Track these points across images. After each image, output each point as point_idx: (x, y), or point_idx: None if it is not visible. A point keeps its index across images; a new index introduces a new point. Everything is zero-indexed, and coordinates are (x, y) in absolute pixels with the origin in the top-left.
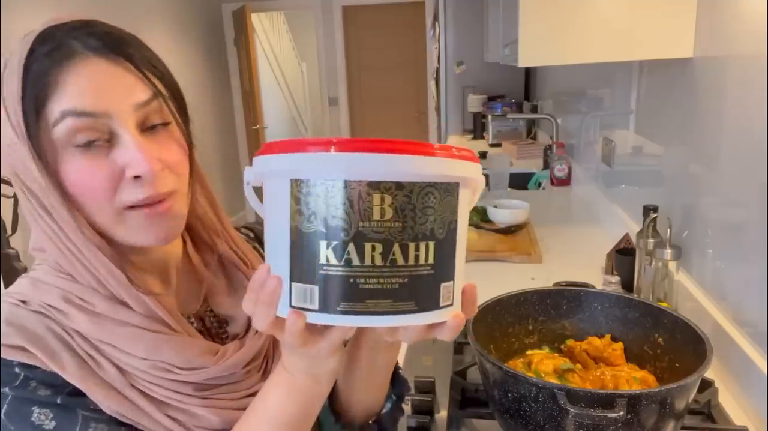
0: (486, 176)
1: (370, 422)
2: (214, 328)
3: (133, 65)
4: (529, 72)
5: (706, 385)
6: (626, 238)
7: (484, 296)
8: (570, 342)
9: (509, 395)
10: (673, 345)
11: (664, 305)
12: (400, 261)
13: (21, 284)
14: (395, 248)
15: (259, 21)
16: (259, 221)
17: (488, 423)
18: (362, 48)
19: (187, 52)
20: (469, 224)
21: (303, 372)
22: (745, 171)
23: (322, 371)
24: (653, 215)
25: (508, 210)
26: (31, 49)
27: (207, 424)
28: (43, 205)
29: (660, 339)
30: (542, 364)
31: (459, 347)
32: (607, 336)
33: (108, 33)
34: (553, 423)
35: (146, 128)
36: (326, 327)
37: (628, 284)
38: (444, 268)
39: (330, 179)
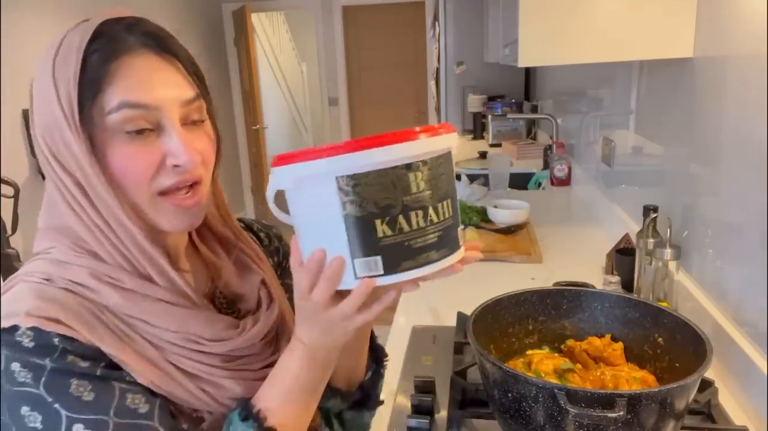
0: (486, 176)
1: (353, 390)
2: (224, 307)
3: (182, 64)
4: (529, 72)
5: (706, 385)
6: (626, 238)
7: (483, 296)
8: (570, 342)
9: (509, 395)
10: (673, 345)
11: (664, 305)
12: (435, 219)
13: (39, 264)
14: (430, 211)
15: (259, 21)
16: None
17: (488, 423)
18: (362, 48)
19: None
20: (470, 224)
21: (317, 341)
22: (745, 171)
23: (333, 339)
24: (653, 215)
25: (508, 210)
26: (88, 47)
27: (231, 394)
28: (80, 185)
29: (660, 339)
30: (542, 364)
31: (459, 347)
32: (607, 336)
33: (157, 32)
34: (553, 423)
35: (187, 123)
36: (382, 289)
37: (628, 284)
38: (456, 217)
39: (374, 168)
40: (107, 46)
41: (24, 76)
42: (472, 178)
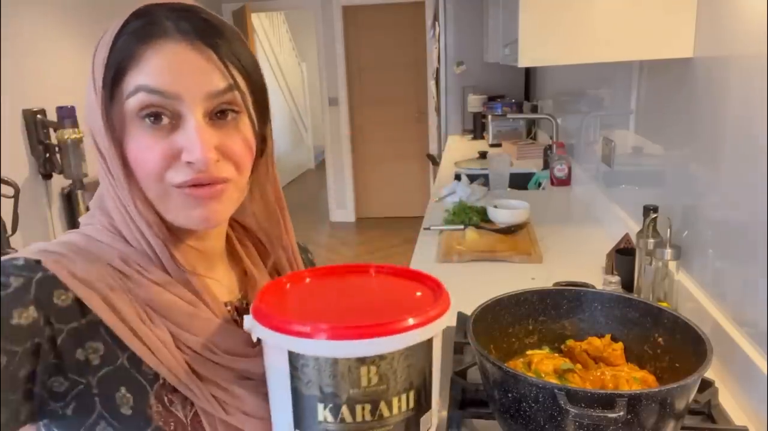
0: (486, 176)
1: None
2: None
3: (216, 55)
4: (529, 72)
5: (706, 385)
6: (626, 238)
7: (484, 296)
8: (570, 342)
9: (509, 395)
10: (673, 345)
11: (664, 305)
12: (387, 414)
13: (70, 237)
14: (381, 405)
15: (259, 21)
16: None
17: (488, 423)
18: (362, 48)
19: None
20: (470, 224)
21: None
22: (746, 171)
23: None
24: (653, 215)
25: (508, 210)
26: (126, 21)
27: (243, 407)
28: (108, 168)
29: (660, 339)
30: (542, 364)
31: (459, 347)
32: (607, 336)
33: (203, 20)
34: (553, 424)
35: (214, 115)
36: None
37: (628, 284)
38: (423, 404)
39: (322, 357)
40: (141, 28)
41: (24, 76)
42: (472, 178)
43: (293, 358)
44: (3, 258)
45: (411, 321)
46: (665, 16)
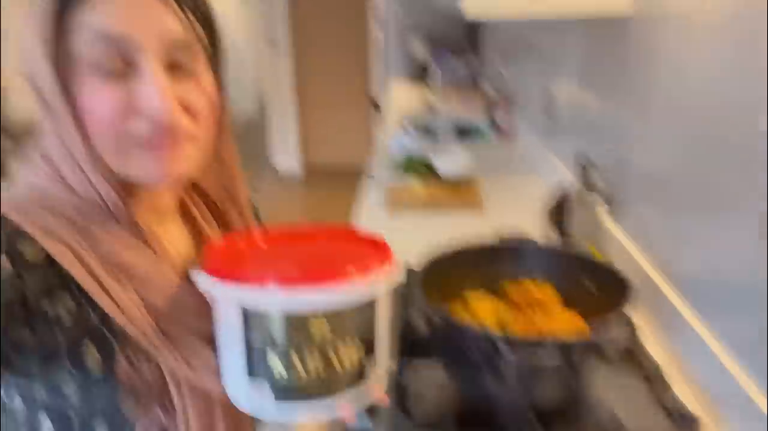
0: (433, 127)
1: None
2: None
3: (177, 2)
4: (473, 23)
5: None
6: (564, 190)
7: (431, 247)
8: (506, 285)
9: (452, 343)
10: (601, 290)
11: (595, 254)
12: (338, 366)
13: (30, 184)
14: (331, 355)
15: None
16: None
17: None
18: None
19: None
20: (415, 175)
21: None
22: (676, 127)
23: None
24: (589, 169)
25: (453, 160)
26: None
27: (212, 366)
28: (53, 114)
29: (590, 285)
30: (480, 307)
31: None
32: (543, 282)
33: None
34: (491, 368)
35: (173, 67)
36: None
37: (563, 234)
38: (373, 355)
39: (275, 309)
40: None
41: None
42: (417, 128)
43: (246, 313)
44: None
45: (351, 270)
46: None
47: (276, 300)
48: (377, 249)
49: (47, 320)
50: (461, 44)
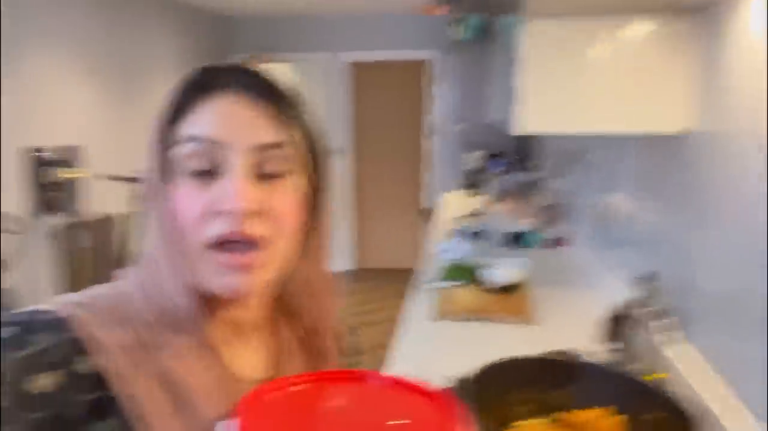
0: (483, 233)
1: None
2: None
3: (271, 107)
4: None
5: None
6: (621, 305)
7: (476, 358)
8: (563, 414)
9: None
10: (666, 422)
11: (661, 376)
12: None
13: (103, 291)
14: None
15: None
16: None
17: None
18: (366, 102)
19: None
20: (464, 282)
21: None
22: (742, 243)
23: None
24: (649, 284)
25: (504, 270)
26: (189, 73)
27: None
28: (153, 214)
29: (651, 416)
30: None
31: None
32: (602, 409)
33: (263, 78)
34: None
35: (264, 173)
36: None
37: (622, 353)
38: None
39: None
40: (199, 83)
41: (27, 114)
42: (468, 235)
43: None
44: (30, 309)
45: None
46: (661, 93)
47: None
48: (440, 410)
49: None
50: (515, 154)
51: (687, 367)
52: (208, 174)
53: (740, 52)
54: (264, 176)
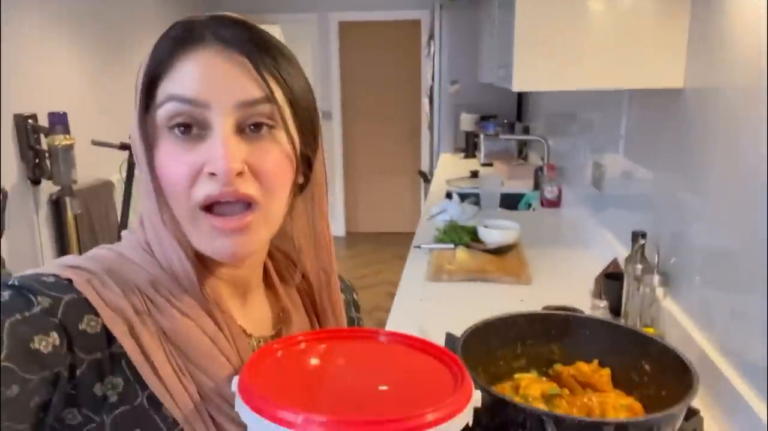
0: (477, 195)
1: None
2: None
3: (253, 64)
4: (521, 93)
5: (691, 414)
6: (614, 263)
7: (472, 317)
8: (558, 367)
9: (496, 420)
10: (660, 372)
11: (650, 331)
12: None
13: (103, 254)
14: None
15: None
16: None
17: None
18: (357, 63)
19: None
20: (460, 244)
21: None
22: (734, 200)
23: None
24: (642, 241)
25: (499, 230)
26: (168, 30)
27: None
28: (143, 179)
29: (647, 367)
30: (530, 388)
31: None
32: (595, 362)
33: (246, 31)
34: None
35: (246, 128)
36: None
37: (615, 309)
38: None
39: None
40: (179, 35)
41: (16, 80)
42: (463, 197)
43: None
44: (31, 272)
45: (429, 418)
46: (656, 47)
47: None
48: (449, 368)
49: (95, 398)
50: (509, 116)
51: (677, 322)
52: (192, 135)
53: (738, 5)
54: (249, 134)
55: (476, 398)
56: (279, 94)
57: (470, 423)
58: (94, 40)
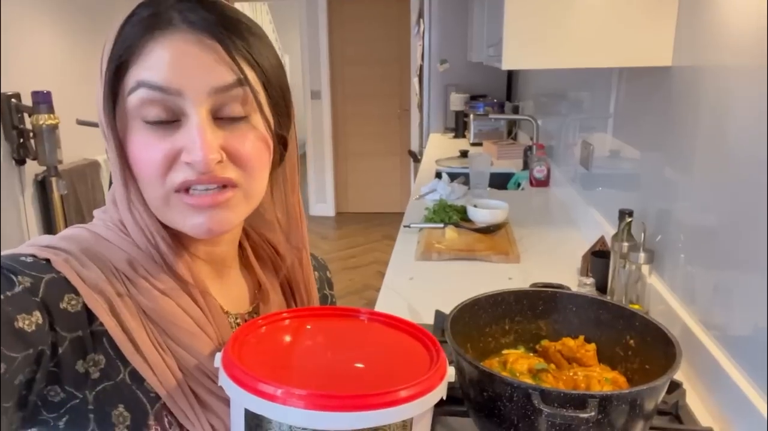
0: (466, 174)
1: None
2: None
3: (224, 48)
4: (511, 73)
5: (674, 387)
6: (601, 240)
7: (461, 295)
8: (545, 342)
9: (484, 394)
10: (644, 347)
11: (636, 307)
12: None
13: (79, 233)
14: None
15: (241, 11)
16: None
17: (463, 421)
18: (346, 41)
19: None
20: (449, 223)
21: None
22: (717, 178)
23: None
24: (628, 219)
25: (488, 210)
26: (133, 11)
27: None
28: (113, 164)
29: (631, 341)
30: (517, 364)
31: None
32: (581, 337)
33: (215, 12)
34: (526, 422)
35: (222, 116)
36: None
37: (602, 286)
38: None
39: (296, 427)
40: (146, 18)
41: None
42: (452, 176)
43: (251, 418)
44: (8, 252)
45: (403, 394)
46: (645, 26)
47: (299, 416)
48: (426, 348)
49: (77, 375)
50: (499, 96)
51: (662, 298)
52: (165, 122)
53: None
54: (223, 120)
55: (450, 374)
56: (252, 76)
57: (444, 397)
58: (78, 18)
